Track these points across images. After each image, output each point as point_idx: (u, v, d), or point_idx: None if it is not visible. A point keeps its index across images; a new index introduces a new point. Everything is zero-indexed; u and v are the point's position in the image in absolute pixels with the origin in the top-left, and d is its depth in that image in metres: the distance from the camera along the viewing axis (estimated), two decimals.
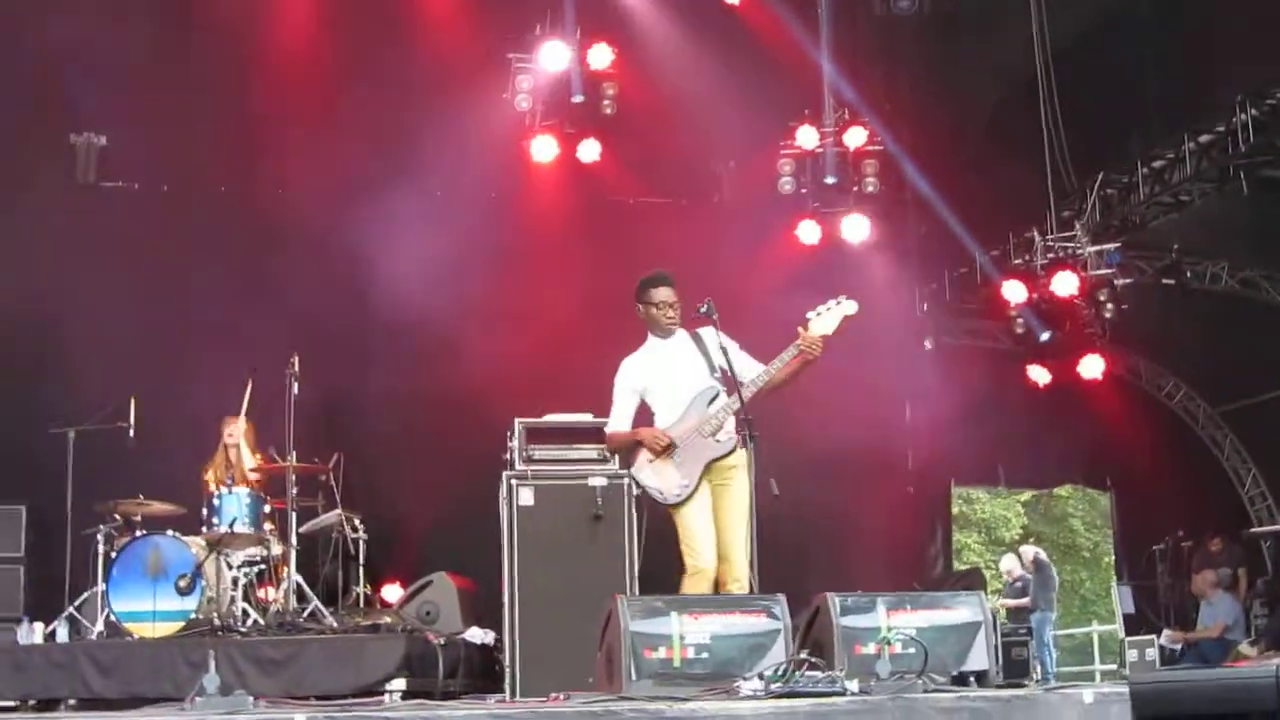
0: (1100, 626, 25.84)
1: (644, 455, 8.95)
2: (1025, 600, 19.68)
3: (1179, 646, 17.09)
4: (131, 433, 11.84)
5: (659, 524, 9.21)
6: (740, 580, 8.70)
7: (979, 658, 7.79)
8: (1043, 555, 21.53)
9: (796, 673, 6.91)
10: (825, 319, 8.92)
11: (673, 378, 9.04)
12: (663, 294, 9.09)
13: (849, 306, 9.01)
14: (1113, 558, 25.56)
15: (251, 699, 6.48)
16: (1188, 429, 21.09)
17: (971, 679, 7.62)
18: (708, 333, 8.99)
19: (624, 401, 9.17)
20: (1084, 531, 38.86)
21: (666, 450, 8.82)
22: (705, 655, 7.26)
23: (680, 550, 8.88)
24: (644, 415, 9.19)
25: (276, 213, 14.97)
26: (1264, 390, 19.70)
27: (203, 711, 6.15)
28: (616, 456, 10.24)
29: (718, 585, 8.77)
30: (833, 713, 6.31)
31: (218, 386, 12.97)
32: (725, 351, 8.78)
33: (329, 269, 14.55)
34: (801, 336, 8.76)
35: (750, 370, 8.85)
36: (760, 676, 6.93)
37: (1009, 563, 21.42)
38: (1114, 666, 21.15)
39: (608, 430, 9.32)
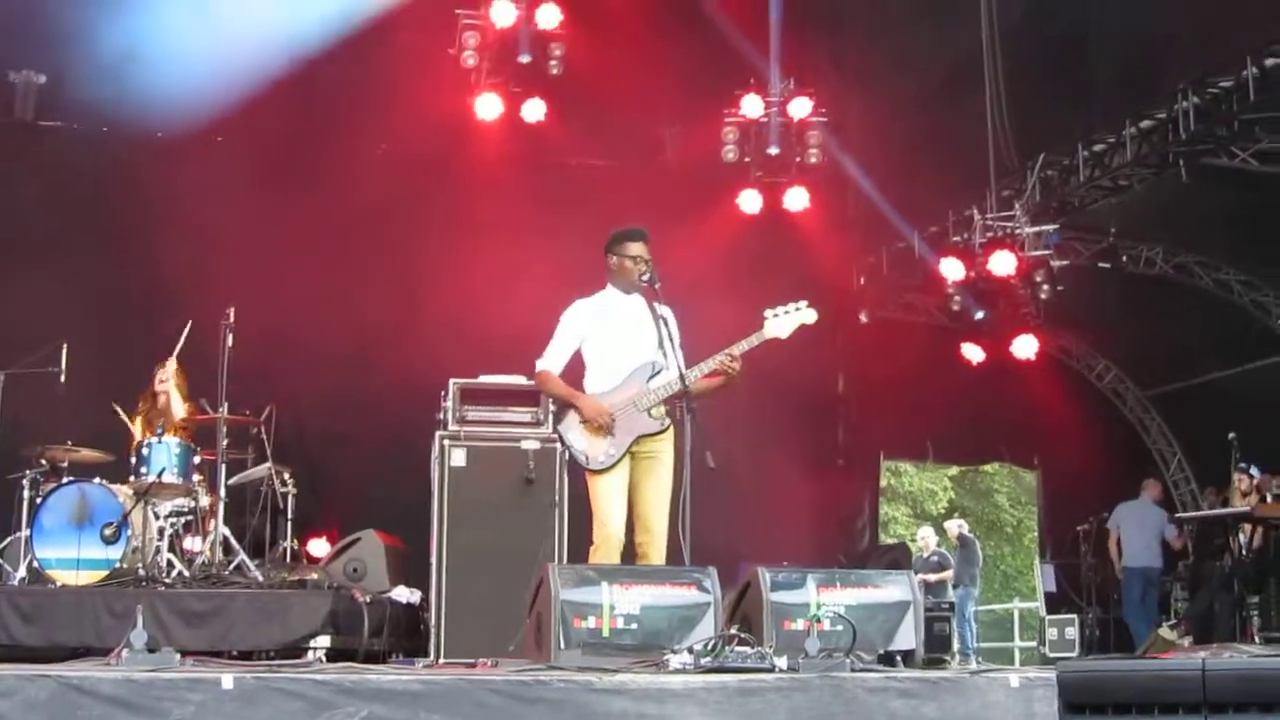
0: (1022, 603, 26.02)
1: (575, 416, 8.81)
2: (941, 575, 19.83)
3: None
4: (62, 378, 11.71)
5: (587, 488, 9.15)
6: (662, 552, 8.68)
7: (906, 637, 7.85)
8: (967, 531, 21.71)
9: (726, 648, 6.92)
10: (782, 321, 8.77)
11: (619, 337, 8.90)
12: (636, 248, 8.91)
13: (809, 315, 8.82)
14: (1036, 535, 25.77)
15: (179, 656, 6.43)
16: (1116, 411, 21.30)
17: (899, 658, 7.69)
18: (667, 311, 8.90)
19: (564, 341, 9.00)
20: (1009, 508, 39.15)
21: (602, 424, 8.74)
22: (635, 626, 7.29)
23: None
24: (577, 364, 9.10)
25: (216, 161, 14.83)
26: (1192, 375, 19.92)
27: (129, 667, 6.10)
28: (551, 411, 10.21)
29: (639, 556, 8.74)
30: (761, 689, 6.33)
31: (151, 334, 12.89)
32: (671, 339, 8.71)
33: (268, 220, 14.42)
34: (727, 352, 8.66)
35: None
36: (690, 650, 6.93)
37: (926, 535, 21.56)
38: (1034, 644, 21.31)
39: (540, 365, 9.04)
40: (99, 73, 14.54)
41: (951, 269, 16.61)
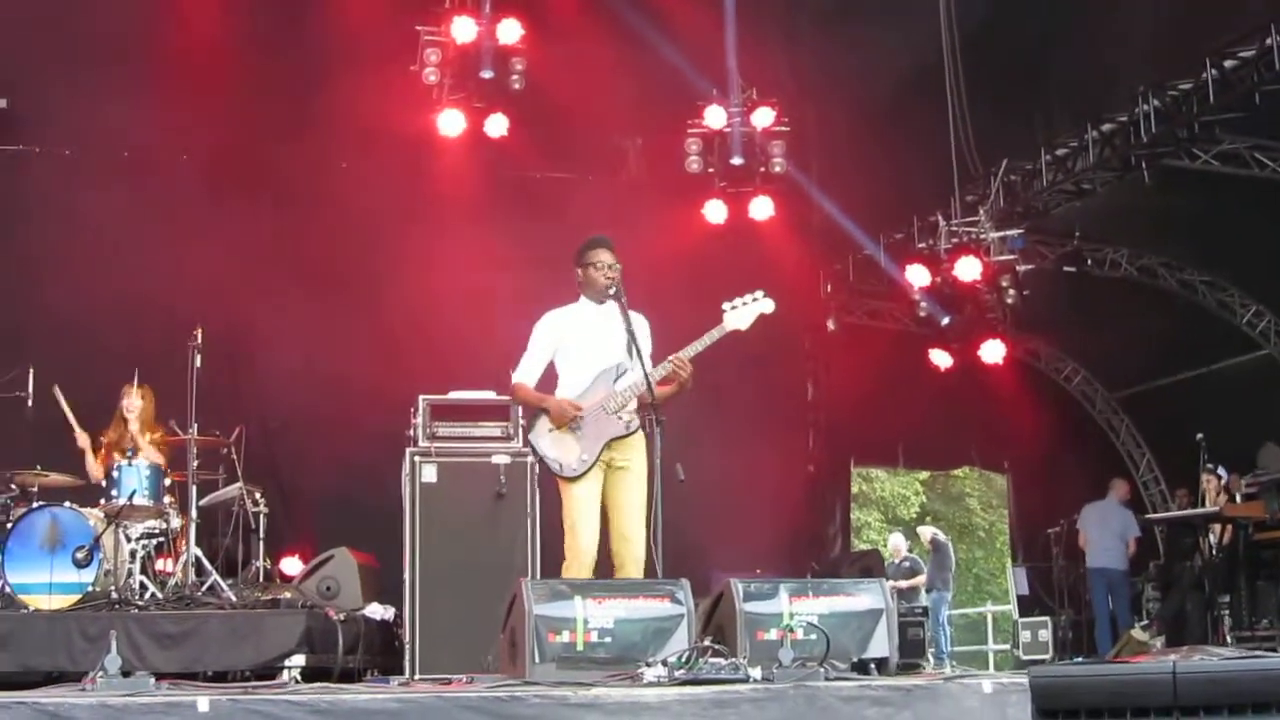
0: (995, 606, 26.12)
1: (545, 423, 8.81)
2: (913, 581, 19.90)
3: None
4: (30, 402, 11.69)
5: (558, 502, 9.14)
6: (640, 561, 8.69)
7: (880, 645, 7.87)
8: (940, 535, 21.79)
9: (699, 659, 6.93)
10: (741, 313, 8.85)
11: (590, 344, 8.91)
12: (603, 256, 8.95)
13: (766, 305, 8.91)
14: (1008, 538, 25.85)
15: (153, 680, 6.42)
16: (1085, 413, 21.39)
17: (872, 666, 7.69)
18: (638, 318, 8.93)
19: (538, 353, 9.02)
20: (980, 511, 39.29)
21: (571, 423, 8.76)
22: (609, 640, 7.29)
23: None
24: (549, 375, 9.10)
25: (180, 180, 14.82)
26: (1159, 376, 20.01)
27: (103, 693, 6.09)
28: (521, 427, 10.24)
29: (616, 566, 8.75)
30: (735, 700, 6.33)
31: (119, 357, 12.84)
32: (639, 346, 8.73)
33: (234, 239, 14.40)
34: (674, 359, 8.70)
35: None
36: (664, 663, 6.94)
37: (897, 542, 21.61)
38: (1007, 646, 21.38)
39: (515, 378, 9.05)
40: (59, 94, 14.49)
41: (917, 275, 16.67)
